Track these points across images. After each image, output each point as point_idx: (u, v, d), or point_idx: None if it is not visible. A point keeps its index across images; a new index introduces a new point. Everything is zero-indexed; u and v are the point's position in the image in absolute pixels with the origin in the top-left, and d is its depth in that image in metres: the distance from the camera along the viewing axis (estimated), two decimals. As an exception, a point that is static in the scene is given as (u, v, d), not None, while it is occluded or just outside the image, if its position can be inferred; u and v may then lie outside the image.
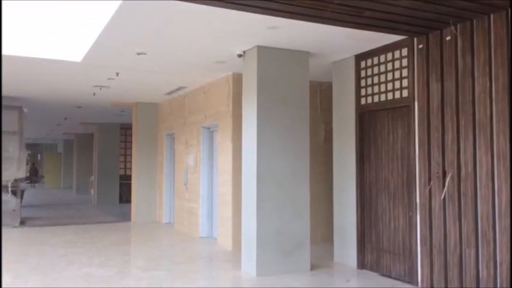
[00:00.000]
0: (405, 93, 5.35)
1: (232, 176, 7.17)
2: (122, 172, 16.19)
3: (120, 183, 15.80)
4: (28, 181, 25.47)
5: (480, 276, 4.42)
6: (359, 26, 4.76)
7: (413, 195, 5.21)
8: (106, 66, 6.86)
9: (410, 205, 5.28)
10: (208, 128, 8.49)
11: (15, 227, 9.90)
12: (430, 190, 4.94)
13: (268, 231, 5.64)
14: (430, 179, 4.94)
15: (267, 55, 5.69)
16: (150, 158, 11.08)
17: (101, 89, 8.75)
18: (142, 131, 11.07)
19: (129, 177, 12.34)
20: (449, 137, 4.74)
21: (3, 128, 10.04)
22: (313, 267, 5.96)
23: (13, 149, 10.12)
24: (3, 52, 5.96)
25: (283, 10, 4.27)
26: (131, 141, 11.89)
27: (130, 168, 12.16)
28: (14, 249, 7.77)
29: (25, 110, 10.47)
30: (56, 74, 7.49)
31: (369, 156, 5.95)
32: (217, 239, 7.84)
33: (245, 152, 5.92)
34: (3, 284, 5.19)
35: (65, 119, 14.17)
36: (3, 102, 9.93)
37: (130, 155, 12.58)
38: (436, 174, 4.85)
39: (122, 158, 16.29)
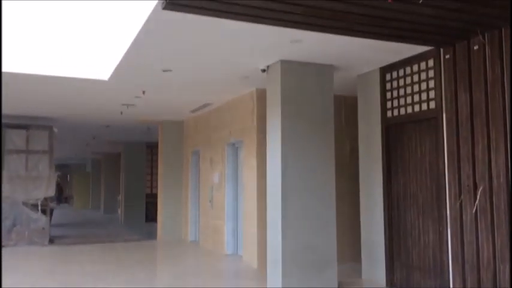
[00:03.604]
0: (432, 104, 5.24)
1: (257, 193, 7.12)
2: (148, 191, 16.34)
3: (146, 202, 15.93)
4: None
5: (517, 294, 4.21)
6: (384, 37, 4.71)
7: (443, 209, 5.05)
8: (132, 84, 6.97)
9: (440, 220, 5.12)
10: (233, 145, 8.51)
11: (44, 245, 10.04)
12: (461, 204, 4.78)
13: (294, 248, 5.55)
14: (460, 192, 4.79)
15: (291, 69, 5.69)
16: (176, 175, 11.15)
17: (128, 107, 8.89)
18: (168, 149, 11.18)
19: (155, 196, 12.42)
20: (480, 148, 4.59)
21: (34, 147, 10.31)
22: (340, 285, 5.81)
23: (43, 168, 10.35)
24: (35, 72, 6.15)
25: (306, 22, 4.27)
26: (157, 160, 12.01)
27: (157, 187, 12.25)
28: (43, 267, 7.86)
29: (55, 130, 10.72)
30: (85, 93, 7.66)
31: (396, 170, 5.82)
32: (243, 256, 7.76)
33: (270, 168, 5.87)
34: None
35: (93, 138, 14.45)
36: (34, 122, 10.24)
37: (157, 174, 12.69)
38: (467, 187, 4.70)
39: (148, 177, 16.45)
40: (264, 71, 5.96)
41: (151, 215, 15.13)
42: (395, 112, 5.79)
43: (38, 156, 10.33)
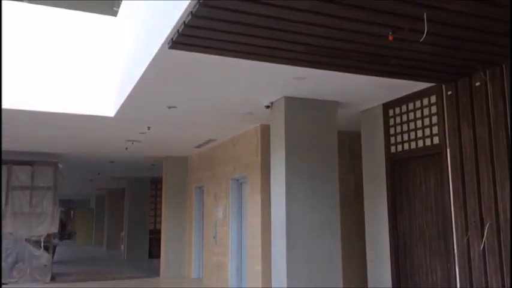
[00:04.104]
0: (436, 140, 5.26)
1: (261, 229, 7.06)
2: (152, 226, 16.20)
3: (150, 238, 15.78)
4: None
5: (530, 334, 4.09)
6: (386, 74, 4.78)
7: (450, 245, 4.98)
8: (138, 120, 7.04)
9: (448, 256, 5.04)
10: (237, 180, 8.49)
11: (46, 283, 9.89)
12: (468, 240, 4.72)
13: (298, 285, 5.44)
14: (467, 228, 4.73)
15: (295, 106, 5.74)
16: (180, 211, 11.09)
17: (133, 143, 8.95)
18: (172, 184, 11.17)
19: (159, 232, 12.32)
20: (485, 183, 4.57)
21: (39, 184, 10.33)
22: (347, 324, 5.67)
23: (47, 204, 10.33)
24: (41, 109, 6.24)
25: (309, 60, 4.35)
26: (161, 195, 11.98)
27: (160, 223, 12.16)
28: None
29: (60, 166, 10.77)
30: (90, 130, 7.73)
31: (402, 206, 5.78)
32: (247, 294, 7.61)
33: (274, 204, 5.85)
34: None
35: (98, 174, 14.47)
36: (40, 158, 10.29)
37: (160, 209, 12.63)
38: (474, 223, 4.65)
39: (151, 213, 16.36)
40: (268, 107, 6.02)
41: (154, 251, 14.96)
42: (399, 147, 5.80)
43: (43, 193, 10.34)
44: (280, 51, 4.10)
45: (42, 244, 10.20)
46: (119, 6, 7.01)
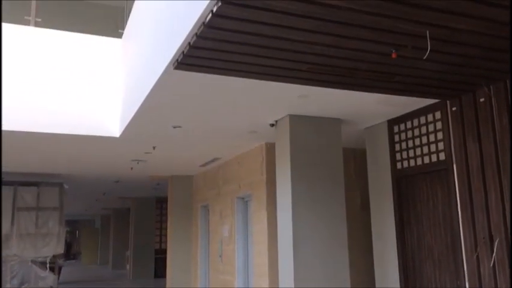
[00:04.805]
0: (442, 156, 5.24)
1: (268, 246, 7.01)
2: (157, 246, 16.14)
3: (155, 258, 15.70)
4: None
5: None
6: (389, 91, 4.79)
7: (459, 262, 4.92)
8: (143, 140, 7.07)
9: (457, 273, 4.98)
10: (243, 198, 8.47)
11: (51, 304, 9.85)
12: (477, 256, 4.67)
13: (307, 304, 5.39)
14: (476, 244, 4.68)
15: (299, 123, 5.76)
16: (185, 230, 11.05)
17: (138, 163, 8.97)
18: (177, 203, 11.15)
19: (164, 251, 12.27)
20: (493, 198, 4.54)
21: (44, 204, 10.34)
22: None
23: (53, 225, 10.33)
24: (46, 131, 6.28)
25: (313, 79, 4.37)
26: (166, 215, 11.96)
27: (166, 242, 12.11)
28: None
29: (66, 186, 10.79)
30: (96, 150, 7.76)
31: (409, 222, 5.73)
32: (255, 314, 7.52)
33: (280, 221, 5.82)
34: None
35: (103, 194, 14.50)
36: (45, 179, 10.33)
37: (166, 228, 12.59)
38: (483, 239, 4.60)
39: (157, 232, 16.31)
40: (272, 125, 6.04)
41: (160, 271, 14.88)
42: (405, 164, 5.78)
43: (48, 213, 10.35)
44: (284, 71, 4.13)
45: (48, 265, 10.17)
46: (123, 28, 7.10)
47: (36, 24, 6.85)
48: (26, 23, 6.81)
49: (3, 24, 6.23)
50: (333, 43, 3.55)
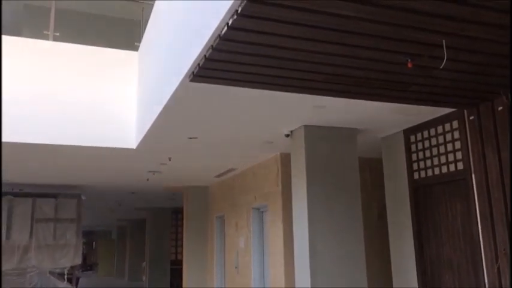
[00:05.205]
0: (460, 165, 5.17)
1: (284, 258, 6.96)
2: (173, 257, 16.14)
3: (171, 269, 15.70)
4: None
5: None
6: (405, 100, 4.76)
7: (480, 274, 4.82)
8: (159, 152, 7.13)
9: (478, 286, 4.87)
10: (258, 209, 8.45)
11: (68, 315, 9.90)
12: (498, 269, 4.57)
13: (324, 316, 5.32)
14: (497, 256, 4.59)
15: (315, 134, 5.74)
16: (201, 241, 11.04)
17: (154, 174, 9.03)
18: (192, 214, 11.16)
19: (180, 262, 12.26)
20: (514, 209, 4.45)
21: (62, 216, 10.45)
22: None
23: (70, 236, 10.42)
24: (64, 143, 6.37)
25: (329, 89, 4.37)
26: (182, 225, 11.98)
27: (181, 253, 12.12)
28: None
29: (83, 197, 10.90)
30: (113, 162, 7.84)
31: (428, 234, 5.65)
32: (271, 327, 7.46)
33: (296, 233, 5.79)
34: None
35: (119, 205, 14.59)
36: (63, 191, 10.44)
37: (181, 239, 12.61)
38: (503, 251, 4.51)
39: (172, 243, 16.33)
40: (287, 136, 6.03)
41: (176, 282, 14.85)
42: (423, 174, 5.71)
43: (66, 225, 10.45)
44: (300, 81, 4.14)
45: (65, 276, 10.24)
46: (139, 41, 7.20)
47: (55, 39, 6.98)
48: (45, 37, 6.95)
49: (24, 39, 6.38)
50: (348, 53, 3.54)
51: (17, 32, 8.54)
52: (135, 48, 7.28)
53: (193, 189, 11.20)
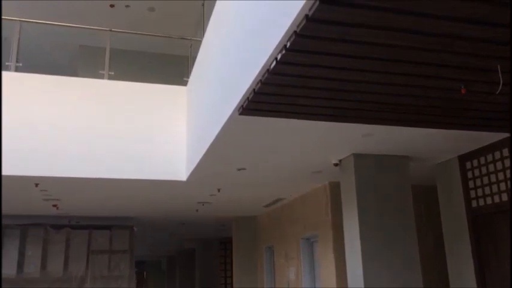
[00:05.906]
0: (521, 192, 4.92)
1: (336, 290, 6.79)
2: (223, 287, 16.07)
3: (222, 301, 15.62)
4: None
5: None
6: (459, 126, 4.62)
7: (551, 309, 4.51)
8: (208, 183, 7.22)
9: (549, 321, 4.55)
10: (308, 239, 8.33)
11: None
12: None
13: None
14: None
15: (364, 162, 5.65)
16: (250, 272, 10.96)
17: (203, 205, 9.14)
18: (242, 244, 11.14)
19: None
20: None
21: (116, 247, 10.69)
22: None
23: (124, 267, 10.62)
24: (118, 177, 6.59)
25: (378, 117, 4.32)
26: (230, 256, 11.95)
27: (231, 284, 12.05)
28: None
29: (135, 229, 11.14)
30: (164, 194, 8.01)
31: (489, 263, 5.36)
32: None
33: (349, 264, 5.64)
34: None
35: (169, 235, 14.79)
36: (116, 222, 10.73)
37: (230, 270, 12.56)
38: None
39: (221, 273, 16.28)
40: (336, 165, 5.97)
41: (226, 314, 14.77)
42: (481, 201, 5.47)
43: (120, 256, 10.66)
44: (348, 111, 4.12)
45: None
46: (188, 76, 7.43)
47: (110, 77, 7.33)
48: (101, 76, 7.31)
49: (82, 79, 6.75)
50: (400, 82, 3.50)
51: (74, 73, 9.06)
52: (183, 83, 7.51)
53: (242, 219, 11.21)
